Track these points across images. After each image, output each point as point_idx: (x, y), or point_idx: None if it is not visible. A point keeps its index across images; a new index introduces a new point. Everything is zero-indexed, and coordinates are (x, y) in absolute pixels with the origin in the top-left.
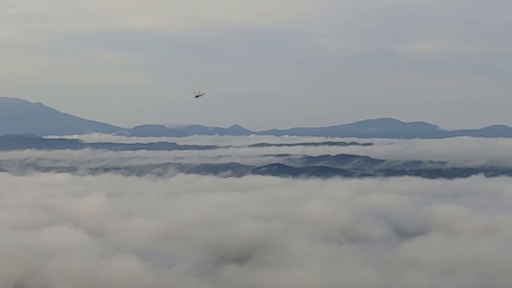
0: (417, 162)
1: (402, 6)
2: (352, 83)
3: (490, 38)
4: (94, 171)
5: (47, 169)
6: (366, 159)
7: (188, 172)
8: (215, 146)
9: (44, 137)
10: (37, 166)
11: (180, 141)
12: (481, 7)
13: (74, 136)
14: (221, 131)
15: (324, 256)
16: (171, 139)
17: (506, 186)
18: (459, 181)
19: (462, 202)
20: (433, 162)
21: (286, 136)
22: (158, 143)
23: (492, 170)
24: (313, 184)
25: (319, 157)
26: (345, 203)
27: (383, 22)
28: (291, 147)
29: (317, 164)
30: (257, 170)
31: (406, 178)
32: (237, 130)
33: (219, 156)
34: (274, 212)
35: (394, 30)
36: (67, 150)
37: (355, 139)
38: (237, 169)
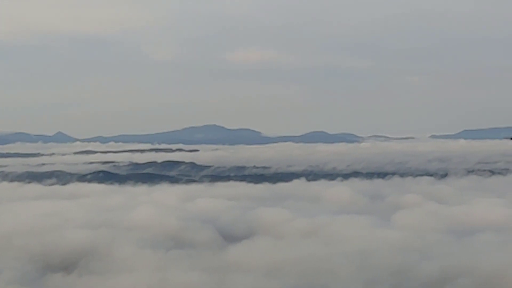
0: (242, 168)
1: (229, 15)
2: (178, 90)
3: (310, 49)
4: None
5: None
6: (193, 165)
7: (11, 180)
8: (38, 153)
9: None
10: None
11: (2, 149)
12: (302, 20)
13: None
14: (45, 139)
15: (151, 262)
16: None
17: (325, 189)
18: (282, 186)
19: (286, 206)
20: (257, 168)
21: (112, 143)
22: None
23: (312, 175)
24: (140, 191)
25: (145, 163)
26: (173, 209)
27: (210, 30)
28: (117, 154)
29: (144, 171)
30: (82, 177)
31: (231, 183)
32: (61, 138)
33: (43, 164)
34: (100, 219)
35: (220, 38)
36: None
37: (181, 146)
38: (62, 177)
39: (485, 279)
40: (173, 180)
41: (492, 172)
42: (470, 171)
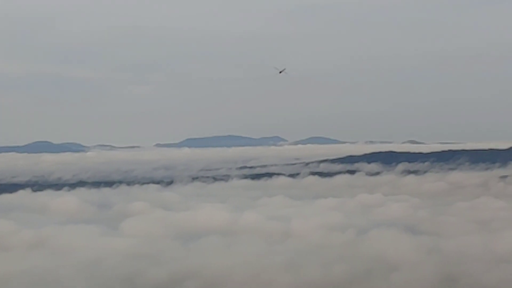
0: None
1: None
2: None
3: (31, 57)
4: None
5: None
6: None
7: None
8: None
9: None
10: None
11: None
12: (25, 27)
13: None
14: None
15: None
16: None
17: (52, 200)
18: (6, 197)
19: (11, 218)
20: None
21: None
22: None
23: (37, 185)
24: None
25: None
26: None
27: None
28: None
29: None
30: None
31: None
32: None
33: None
34: None
35: None
36: None
37: None
38: None
39: (211, 281)
40: None
41: (215, 179)
42: (194, 178)
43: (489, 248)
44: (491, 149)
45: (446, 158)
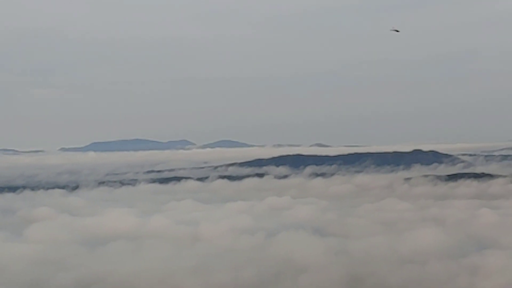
0: None
1: None
2: None
3: None
4: None
5: None
6: None
7: None
8: None
9: None
10: None
11: None
12: None
13: None
14: None
15: None
16: None
17: None
18: None
19: None
20: None
21: None
22: None
23: None
24: None
25: None
26: None
27: None
28: None
29: None
30: None
31: None
32: None
33: None
34: None
35: None
36: None
37: None
38: None
39: (118, 286)
40: None
41: (122, 183)
42: (100, 183)
43: (394, 248)
44: (395, 152)
45: (352, 161)
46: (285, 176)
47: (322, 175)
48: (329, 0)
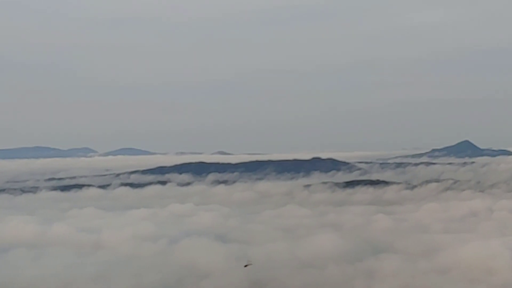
0: None
1: None
2: None
3: None
4: None
5: None
6: None
7: None
8: None
9: None
10: None
11: None
12: None
13: None
14: None
15: None
16: None
17: None
18: None
19: None
20: None
21: None
22: None
23: None
24: None
25: None
26: None
27: None
28: None
29: None
30: None
31: None
32: None
33: None
34: None
35: None
36: None
37: None
38: None
39: None
40: None
41: (22, 191)
42: (1, 190)
43: (294, 253)
44: (295, 160)
45: (254, 169)
46: (188, 184)
47: (224, 182)
48: (227, 9)
